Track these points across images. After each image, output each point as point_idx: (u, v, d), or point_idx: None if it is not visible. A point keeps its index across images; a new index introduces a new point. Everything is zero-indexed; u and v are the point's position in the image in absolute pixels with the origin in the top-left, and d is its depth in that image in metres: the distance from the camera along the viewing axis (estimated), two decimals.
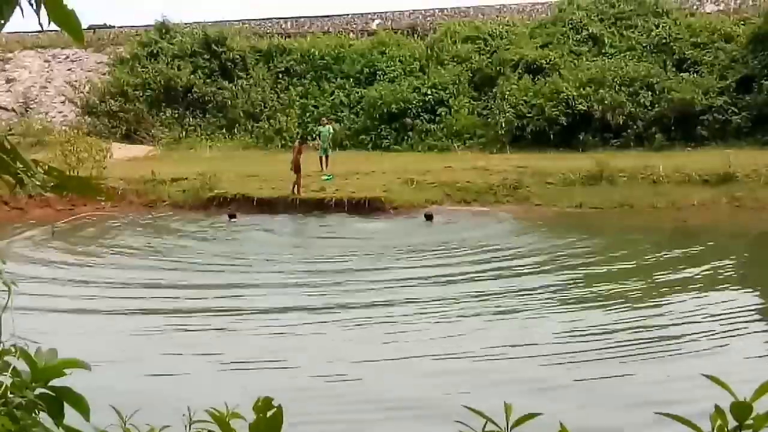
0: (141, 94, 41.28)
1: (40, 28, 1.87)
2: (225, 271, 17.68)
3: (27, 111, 41.86)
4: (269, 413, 1.57)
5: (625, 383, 9.69)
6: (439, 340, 11.81)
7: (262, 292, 15.44)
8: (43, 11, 1.78)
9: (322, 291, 15.43)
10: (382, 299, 14.44)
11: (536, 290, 14.76)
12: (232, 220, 25.31)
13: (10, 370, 2.39)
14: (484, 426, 1.90)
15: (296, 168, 26.42)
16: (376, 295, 14.73)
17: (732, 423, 1.80)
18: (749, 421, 1.77)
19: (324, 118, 33.01)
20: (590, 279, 15.88)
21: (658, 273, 16.19)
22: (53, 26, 1.88)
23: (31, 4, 1.82)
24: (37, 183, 1.79)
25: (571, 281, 15.80)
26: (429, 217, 24.84)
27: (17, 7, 1.84)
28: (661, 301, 13.98)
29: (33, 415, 2.12)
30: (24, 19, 1.81)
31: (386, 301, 14.28)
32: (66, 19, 1.87)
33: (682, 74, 35.44)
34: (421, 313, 13.36)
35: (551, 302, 14.05)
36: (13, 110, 40.71)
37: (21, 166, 1.77)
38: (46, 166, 1.81)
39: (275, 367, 10.73)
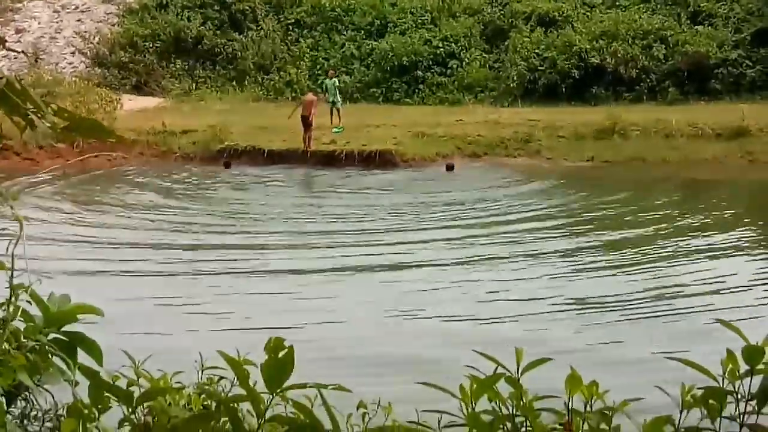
0: (151, 46, 41.02)
1: None
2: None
3: (37, 62, 41.70)
4: (281, 353, 1.57)
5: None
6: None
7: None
8: None
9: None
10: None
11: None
12: (228, 169, 25.73)
13: (21, 314, 2.41)
14: (495, 369, 1.91)
15: (307, 123, 26.31)
16: None
17: (744, 367, 1.80)
18: (761, 366, 1.77)
19: (331, 71, 32.80)
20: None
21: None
22: None
23: None
24: (47, 124, 1.78)
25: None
26: (450, 168, 24.95)
27: None
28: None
29: (47, 359, 2.14)
30: None
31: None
32: None
33: (696, 27, 34.99)
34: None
35: None
36: (23, 53, 40.54)
37: (31, 107, 1.76)
38: (56, 107, 1.80)
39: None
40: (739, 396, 1.81)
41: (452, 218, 17.82)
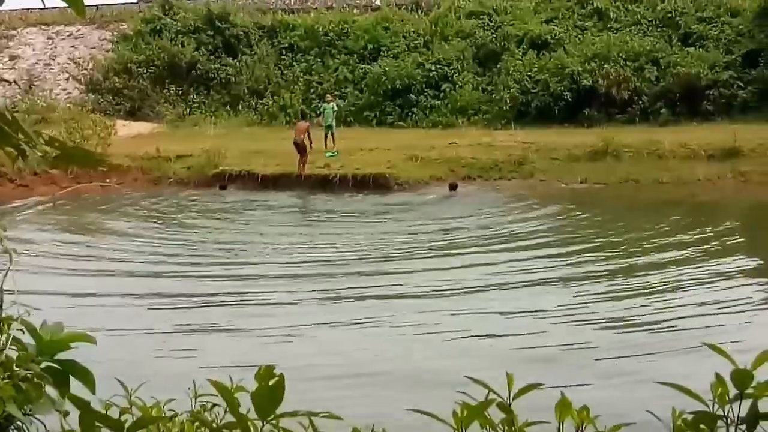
0: (145, 71, 41.17)
1: (42, 5, 1.86)
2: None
3: (31, 88, 41.80)
4: (271, 381, 1.57)
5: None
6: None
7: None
8: None
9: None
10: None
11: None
12: (222, 190, 25.97)
13: (10, 341, 2.41)
14: (487, 395, 1.91)
15: (301, 149, 26.33)
16: None
17: (733, 391, 1.81)
18: (750, 390, 1.78)
19: (328, 95, 32.87)
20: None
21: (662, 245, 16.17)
22: (54, 3, 1.88)
23: None
24: (39, 154, 1.79)
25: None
26: (453, 187, 25.03)
27: None
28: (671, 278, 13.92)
29: (39, 388, 2.14)
30: None
31: None
32: None
33: (687, 49, 35.20)
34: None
35: None
36: (15, 83, 40.63)
37: (23, 137, 1.78)
38: (48, 137, 1.81)
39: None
40: (729, 420, 1.81)
41: (454, 244, 17.58)
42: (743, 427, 1.80)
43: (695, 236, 17.25)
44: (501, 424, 1.90)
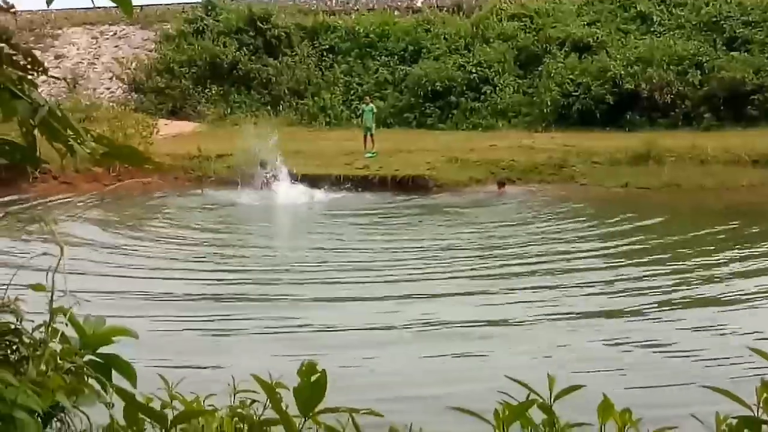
0: (187, 71, 41.58)
1: (88, 5, 1.89)
2: None
3: (75, 87, 42.36)
4: (313, 377, 1.58)
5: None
6: None
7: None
8: None
9: None
10: None
11: None
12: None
13: (59, 336, 2.45)
14: (528, 396, 1.91)
15: None
16: None
17: None
18: None
19: (367, 97, 32.93)
20: None
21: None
22: (100, 2, 1.91)
23: None
24: (87, 151, 1.82)
25: None
26: (501, 185, 24.92)
27: None
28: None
29: (83, 380, 2.17)
30: None
31: None
32: None
33: (732, 53, 34.78)
34: None
35: None
36: (64, 80, 41.20)
37: (71, 133, 1.81)
38: (96, 134, 1.84)
39: None
40: None
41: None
42: None
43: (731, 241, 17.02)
44: (542, 425, 1.90)
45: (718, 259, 15.32)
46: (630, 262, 15.12)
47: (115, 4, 1.99)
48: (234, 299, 12.88)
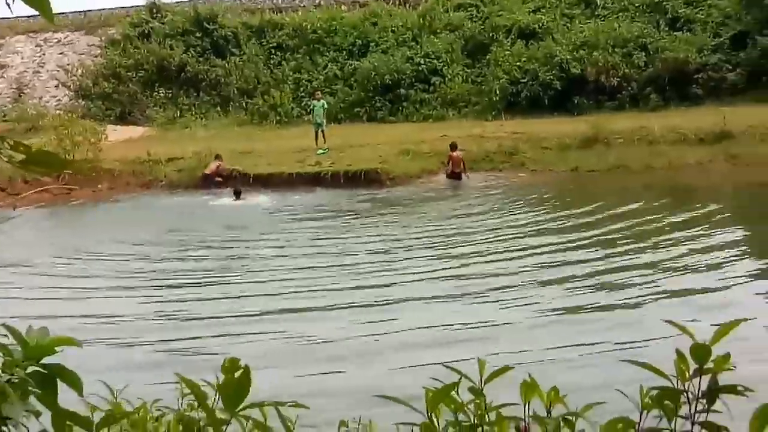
0: (134, 75, 41.17)
1: (12, 9, 1.90)
2: None
3: (21, 96, 41.76)
4: (237, 374, 1.61)
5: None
6: None
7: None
8: None
9: None
10: None
11: None
12: (239, 199, 24.26)
13: None
14: (459, 381, 1.95)
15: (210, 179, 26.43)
16: None
17: (694, 366, 1.85)
18: (709, 364, 1.82)
19: (317, 92, 32.85)
20: None
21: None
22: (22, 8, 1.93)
23: None
24: (5, 159, 1.82)
25: None
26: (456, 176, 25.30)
27: None
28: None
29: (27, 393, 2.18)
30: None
31: None
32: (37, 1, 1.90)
33: (675, 33, 35.21)
34: None
35: None
36: None
37: None
38: (13, 141, 1.84)
39: None
40: (691, 395, 1.85)
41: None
42: (704, 400, 1.84)
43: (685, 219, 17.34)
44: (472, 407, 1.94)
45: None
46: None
47: (37, 11, 1.99)
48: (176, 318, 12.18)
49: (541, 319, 10.80)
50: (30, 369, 2.36)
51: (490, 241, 16.32)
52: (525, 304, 11.48)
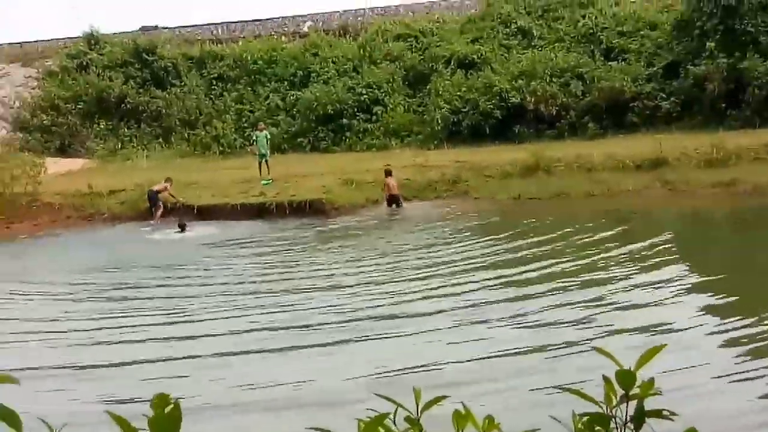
0: (73, 107, 40.73)
1: None
2: None
3: None
4: (167, 409, 1.66)
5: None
6: None
7: None
8: None
9: None
10: None
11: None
12: (184, 231, 24.11)
13: None
14: (395, 411, 2.02)
15: (152, 202, 26.46)
16: None
17: (620, 392, 1.96)
18: (635, 390, 1.93)
19: (261, 123, 32.85)
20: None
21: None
22: None
23: None
24: None
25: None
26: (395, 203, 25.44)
27: None
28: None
29: None
30: None
31: None
32: None
33: (610, 63, 36.07)
34: None
35: None
36: None
37: None
38: None
39: None
40: (619, 421, 1.96)
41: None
42: (632, 425, 1.95)
43: (623, 246, 17.65)
44: None
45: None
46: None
47: None
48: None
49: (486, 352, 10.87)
50: None
51: (426, 277, 16.19)
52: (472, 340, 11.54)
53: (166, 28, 48.04)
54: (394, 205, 25.78)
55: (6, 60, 44.46)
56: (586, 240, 18.59)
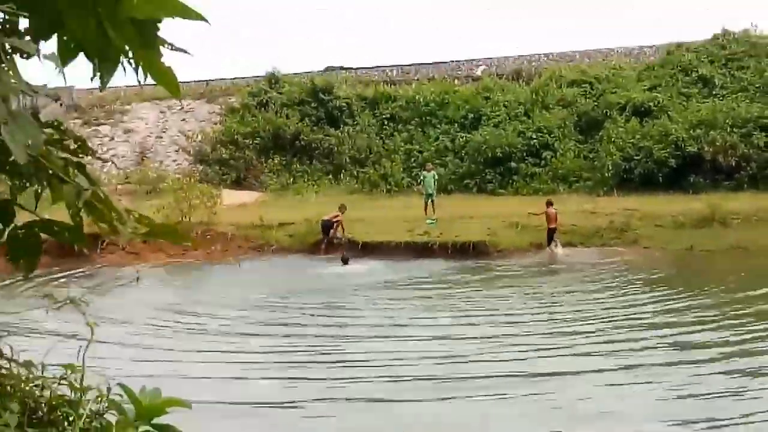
0: (250, 142, 42.37)
1: (144, 82, 2.04)
2: None
3: (143, 160, 43.49)
4: None
5: None
6: None
7: None
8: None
9: None
10: None
11: None
12: (346, 265, 24.87)
13: (108, 406, 2.54)
14: None
15: (325, 231, 27.29)
16: None
17: None
18: None
19: (429, 164, 33.15)
20: None
21: None
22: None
23: (131, 64, 1.99)
24: (129, 230, 1.93)
25: None
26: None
27: (120, 66, 2.01)
28: None
29: None
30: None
31: None
32: (163, 75, 2.03)
33: None
34: None
35: None
36: (112, 161, 42.19)
37: (114, 214, 1.92)
38: (138, 214, 1.95)
39: None
40: None
41: None
42: None
43: None
44: None
45: None
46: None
47: (164, 86, 2.13)
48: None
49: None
50: (141, 429, 2.46)
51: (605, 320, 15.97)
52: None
53: (350, 68, 49.31)
54: (553, 245, 25.39)
55: (192, 96, 46.89)
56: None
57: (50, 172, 1.88)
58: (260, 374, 12.97)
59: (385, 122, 42.90)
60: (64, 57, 1.90)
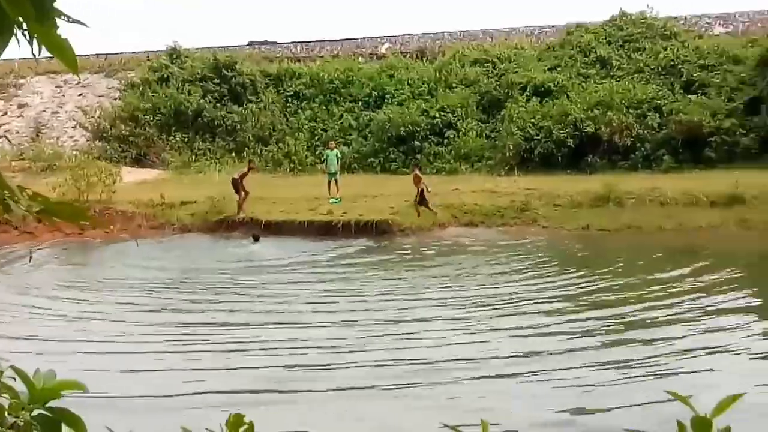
0: (151, 119, 41.49)
1: (39, 55, 1.96)
2: None
3: (38, 136, 42.17)
4: (241, 429, 1.63)
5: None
6: None
7: None
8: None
9: None
10: None
11: None
12: (256, 242, 24.68)
13: (4, 390, 2.47)
14: None
15: (236, 189, 27.08)
16: None
17: None
18: None
19: (332, 142, 33.06)
20: None
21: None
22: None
23: (25, 36, 1.92)
24: (22, 208, 1.87)
25: None
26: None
27: (13, 38, 1.93)
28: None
29: None
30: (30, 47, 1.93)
31: None
32: (59, 48, 1.96)
33: (689, 96, 35.42)
34: None
35: None
36: (5, 138, 40.93)
37: (6, 192, 1.85)
38: (32, 192, 1.89)
39: None
40: None
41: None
42: None
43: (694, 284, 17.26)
44: None
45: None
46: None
47: (60, 59, 2.06)
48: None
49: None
50: (35, 412, 2.39)
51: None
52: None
53: (275, 43, 48.82)
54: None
55: (90, 70, 45.58)
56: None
57: None
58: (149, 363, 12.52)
59: (289, 99, 42.60)
60: None
